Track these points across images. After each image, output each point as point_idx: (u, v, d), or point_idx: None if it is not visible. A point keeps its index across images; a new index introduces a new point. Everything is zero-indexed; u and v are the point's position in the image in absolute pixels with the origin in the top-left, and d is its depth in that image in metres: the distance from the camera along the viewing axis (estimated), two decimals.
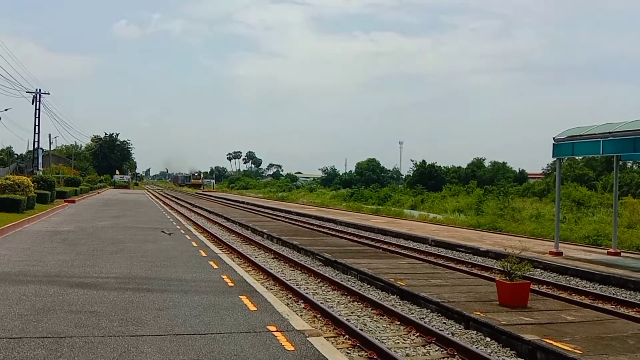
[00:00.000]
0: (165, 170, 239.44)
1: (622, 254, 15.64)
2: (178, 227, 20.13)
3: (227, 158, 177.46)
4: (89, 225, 19.22)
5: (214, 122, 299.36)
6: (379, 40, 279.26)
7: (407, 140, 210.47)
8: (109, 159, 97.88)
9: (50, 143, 68.43)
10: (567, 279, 12.39)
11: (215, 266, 10.90)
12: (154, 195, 61.68)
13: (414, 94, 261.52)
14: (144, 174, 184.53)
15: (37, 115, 53.01)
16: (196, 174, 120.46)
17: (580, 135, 14.37)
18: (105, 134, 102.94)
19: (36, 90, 52.87)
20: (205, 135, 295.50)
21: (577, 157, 39.82)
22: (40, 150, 55.08)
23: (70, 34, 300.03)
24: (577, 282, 11.97)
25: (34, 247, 12.66)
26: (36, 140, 53.67)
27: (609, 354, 5.95)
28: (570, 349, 6.02)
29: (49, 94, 59.93)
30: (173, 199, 55.32)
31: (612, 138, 13.44)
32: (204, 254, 12.66)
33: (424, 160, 65.57)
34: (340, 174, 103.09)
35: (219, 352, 5.34)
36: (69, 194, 37.70)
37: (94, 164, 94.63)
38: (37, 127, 53.34)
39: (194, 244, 14.67)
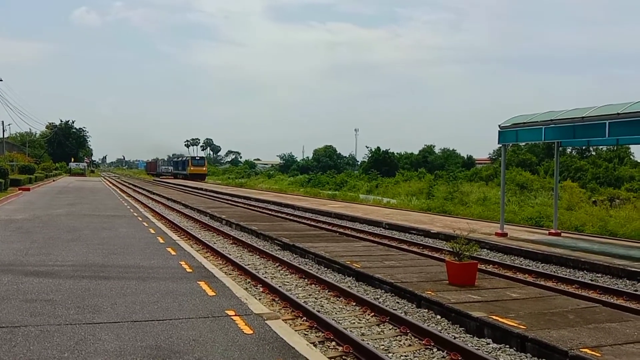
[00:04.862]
0: (122, 158, 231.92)
1: (563, 234, 16.52)
2: (135, 214, 19.75)
3: (185, 145, 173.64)
4: (44, 213, 18.63)
5: (173, 110, 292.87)
6: (337, 31, 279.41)
7: (363, 128, 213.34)
8: (64, 146, 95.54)
9: (3, 130, 65.92)
10: (512, 258, 13.00)
11: (173, 253, 10.84)
12: (110, 182, 59.91)
13: (370, 84, 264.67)
14: (100, 162, 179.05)
15: None
16: (197, 158, 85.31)
17: (524, 123, 14.96)
18: (61, 121, 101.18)
19: None
20: (164, 123, 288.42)
21: (520, 144, 41.56)
22: None
23: (27, 20, 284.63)
24: (521, 262, 12.56)
25: None
26: None
27: (551, 328, 6.26)
28: (515, 325, 6.33)
29: (1, 80, 57.32)
30: (130, 186, 53.94)
31: (553, 125, 14.05)
32: (161, 241, 12.55)
33: (378, 147, 67.04)
34: (298, 160, 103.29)
35: (177, 337, 5.34)
36: (23, 181, 36.92)
37: (49, 152, 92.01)
38: None
39: (152, 231, 14.49)
